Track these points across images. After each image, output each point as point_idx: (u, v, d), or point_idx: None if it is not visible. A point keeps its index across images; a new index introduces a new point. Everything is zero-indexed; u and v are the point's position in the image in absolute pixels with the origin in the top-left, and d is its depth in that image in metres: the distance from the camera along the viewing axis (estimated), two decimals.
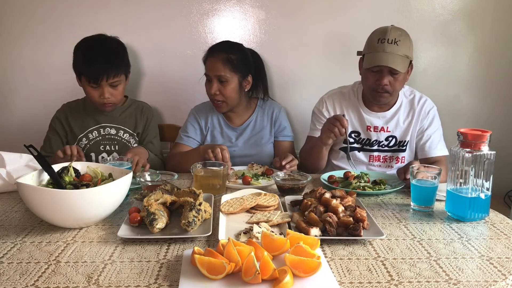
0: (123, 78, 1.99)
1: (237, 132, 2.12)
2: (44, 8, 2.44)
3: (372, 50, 1.82)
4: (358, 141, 2.00)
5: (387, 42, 1.77)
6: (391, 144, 1.98)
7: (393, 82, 1.82)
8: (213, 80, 1.97)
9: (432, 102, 2.00)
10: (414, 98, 1.98)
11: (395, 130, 1.97)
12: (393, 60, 1.76)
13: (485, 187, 1.31)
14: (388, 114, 1.97)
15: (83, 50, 1.95)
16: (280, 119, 2.15)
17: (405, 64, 1.79)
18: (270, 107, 2.17)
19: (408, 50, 1.81)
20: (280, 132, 2.14)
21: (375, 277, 0.97)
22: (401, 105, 1.97)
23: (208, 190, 1.50)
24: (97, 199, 1.19)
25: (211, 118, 2.13)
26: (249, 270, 0.91)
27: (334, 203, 1.25)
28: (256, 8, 2.51)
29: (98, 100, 1.96)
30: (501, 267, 1.03)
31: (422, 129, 1.96)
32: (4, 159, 1.55)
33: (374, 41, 1.82)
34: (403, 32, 1.83)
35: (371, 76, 1.85)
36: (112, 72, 1.91)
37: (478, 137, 1.28)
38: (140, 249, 1.10)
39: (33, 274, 0.97)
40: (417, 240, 1.18)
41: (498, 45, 2.60)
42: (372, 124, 1.97)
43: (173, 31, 2.50)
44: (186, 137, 2.09)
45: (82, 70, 1.93)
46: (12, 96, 2.56)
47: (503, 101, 2.68)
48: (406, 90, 2.01)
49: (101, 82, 1.91)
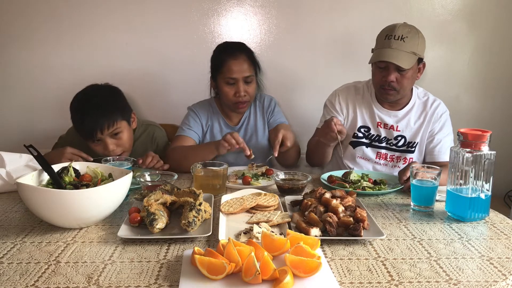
0: (123, 124, 1.85)
1: (235, 130, 2.10)
2: (44, 8, 2.44)
3: (379, 46, 1.82)
4: (367, 136, 1.98)
5: (393, 38, 1.76)
6: (399, 144, 1.95)
7: (400, 79, 1.80)
8: (239, 82, 1.95)
9: (445, 106, 1.96)
10: (428, 101, 1.95)
11: (405, 130, 1.94)
12: (397, 56, 1.74)
13: (485, 187, 1.31)
14: (400, 113, 1.94)
15: (74, 106, 1.85)
16: (271, 108, 2.14)
17: (411, 60, 1.76)
18: (260, 99, 2.16)
19: (416, 47, 1.78)
20: (272, 119, 2.13)
21: (375, 277, 0.97)
22: (414, 106, 1.95)
23: (208, 190, 1.50)
24: (97, 199, 1.19)
25: (210, 116, 2.11)
26: (249, 270, 0.91)
27: (334, 203, 1.24)
28: (256, 8, 2.51)
29: (104, 153, 1.83)
30: (501, 267, 1.03)
31: (433, 132, 1.93)
32: (4, 159, 1.55)
33: (382, 38, 1.82)
34: (413, 29, 1.81)
35: (378, 72, 1.84)
36: (106, 123, 1.78)
37: (478, 137, 1.28)
38: (140, 249, 1.10)
39: (33, 275, 0.97)
40: (417, 240, 1.18)
41: (498, 45, 2.60)
42: (383, 121, 1.95)
43: (173, 31, 2.50)
44: (188, 129, 2.04)
45: (77, 128, 1.84)
46: (12, 96, 2.56)
47: (503, 101, 2.68)
48: (420, 92, 1.98)
49: (99, 136, 1.79)
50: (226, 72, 1.95)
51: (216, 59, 2.02)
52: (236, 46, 2.03)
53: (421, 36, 1.82)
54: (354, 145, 1.99)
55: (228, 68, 1.95)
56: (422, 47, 1.81)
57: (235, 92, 1.97)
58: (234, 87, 1.97)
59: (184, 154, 1.88)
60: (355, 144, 1.99)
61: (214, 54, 2.05)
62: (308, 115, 2.18)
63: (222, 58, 1.97)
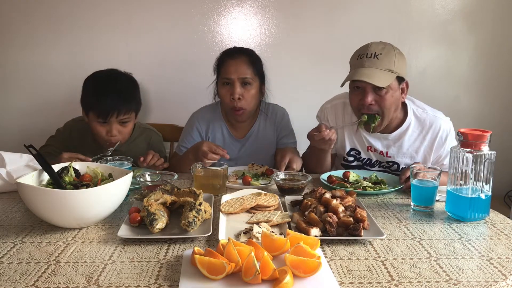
0: (133, 116, 1.89)
1: (240, 143, 2.02)
2: (44, 8, 2.44)
3: (352, 67, 1.69)
4: (358, 159, 1.86)
5: (366, 56, 1.62)
6: (393, 168, 1.81)
7: (379, 100, 1.63)
8: (235, 83, 1.86)
9: (447, 121, 1.76)
10: (426, 121, 1.75)
11: (397, 156, 1.78)
12: (370, 74, 1.58)
13: (485, 187, 1.31)
14: (390, 136, 1.77)
15: (93, 84, 1.85)
16: (283, 124, 2.05)
17: (387, 78, 1.59)
18: (273, 111, 2.06)
19: (392, 64, 1.61)
20: (282, 137, 2.04)
21: (375, 277, 0.97)
22: (409, 127, 1.75)
23: (208, 190, 1.50)
24: (97, 199, 1.19)
25: (212, 126, 2.01)
26: (249, 270, 0.91)
27: (334, 203, 1.25)
28: (256, 8, 2.51)
29: (104, 137, 1.85)
30: (501, 267, 1.03)
31: (440, 158, 1.77)
32: (4, 159, 1.55)
33: (354, 59, 1.68)
34: (387, 46, 1.65)
35: (354, 96, 1.69)
36: (123, 109, 1.81)
37: (478, 137, 1.28)
38: (140, 249, 1.10)
39: (33, 274, 0.97)
40: (417, 240, 1.18)
41: (498, 45, 2.60)
42: (372, 145, 1.81)
43: (173, 31, 2.50)
44: (184, 149, 1.95)
45: (91, 105, 1.82)
46: (12, 96, 2.56)
47: (503, 101, 2.69)
48: (417, 109, 1.77)
49: (111, 119, 1.81)
50: (223, 72, 1.90)
51: (217, 61, 1.97)
52: (237, 48, 1.97)
53: (399, 53, 1.65)
54: (346, 168, 1.88)
55: (225, 68, 1.89)
56: (400, 64, 1.63)
57: (230, 95, 1.88)
58: (230, 89, 1.88)
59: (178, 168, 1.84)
60: (346, 167, 1.88)
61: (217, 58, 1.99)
62: (306, 117, 2.17)
63: (222, 59, 1.94)
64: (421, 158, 1.78)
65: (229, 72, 1.88)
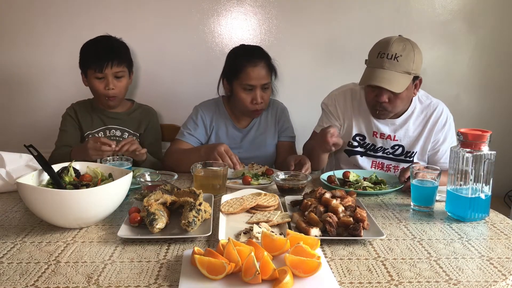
0: (126, 71, 2.02)
1: (242, 133, 2.07)
2: (44, 9, 2.44)
3: (371, 65, 1.73)
4: (362, 145, 1.92)
5: (386, 57, 1.66)
6: (397, 153, 1.88)
7: (393, 99, 1.72)
8: (257, 89, 1.91)
9: (448, 110, 1.87)
10: (430, 106, 1.85)
11: (403, 139, 1.86)
12: (389, 80, 1.65)
13: (485, 187, 1.31)
14: (397, 121, 1.86)
15: (89, 45, 2.01)
16: (283, 118, 2.11)
17: (404, 81, 1.67)
18: (273, 106, 2.11)
19: (411, 65, 1.67)
20: (283, 132, 2.10)
21: (375, 277, 0.97)
22: (413, 112, 1.85)
23: (208, 190, 1.50)
24: (97, 199, 1.19)
25: (216, 117, 2.05)
26: (249, 270, 0.91)
27: (334, 203, 1.25)
28: (256, 8, 2.51)
29: (103, 92, 1.96)
30: (501, 267, 1.03)
31: (437, 143, 1.85)
32: (4, 159, 1.55)
33: (374, 54, 1.72)
34: (408, 46, 1.69)
35: (370, 91, 1.76)
36: (116, 60, 1.95)
37: (478, 137, 1.28)
38: (140, 249, 1.10)
39: (33, 274, 0.97)
40: (417, 240, 1.18)
41: (498, 45, 2.60)
42: (379, 130, 1.87)
43: (173, 31, 2.50)
44: (188, 134, 2.00)
45: (88, 59, 1.97)
46: (12, 96, 2.56)
47: (503, 101, 2.69)
48: (422, 95, 1.88)
49: (106, 71, 1.93)
50: (244, 78, 1.90)
51: (233, 63, 1.96)
52: (255, 52, 1.97)
53: (418, 52, 1.71)
54: (349, 154, 1.95)
55: (247, 75, 1.90)
56: (417, 64, 1.70)
57: (252, 99, 1.92)
58: (251, 94, 1.92)
59: (178, 157, 1.89)
60: (349, 153, 1.94)
61: (230, 57, 2.00)
62: (306, 116, 2.17)
63: (241, 63, 1.91)
64: (423, 141, 1.86)
65: (251, 78, 1.90)
